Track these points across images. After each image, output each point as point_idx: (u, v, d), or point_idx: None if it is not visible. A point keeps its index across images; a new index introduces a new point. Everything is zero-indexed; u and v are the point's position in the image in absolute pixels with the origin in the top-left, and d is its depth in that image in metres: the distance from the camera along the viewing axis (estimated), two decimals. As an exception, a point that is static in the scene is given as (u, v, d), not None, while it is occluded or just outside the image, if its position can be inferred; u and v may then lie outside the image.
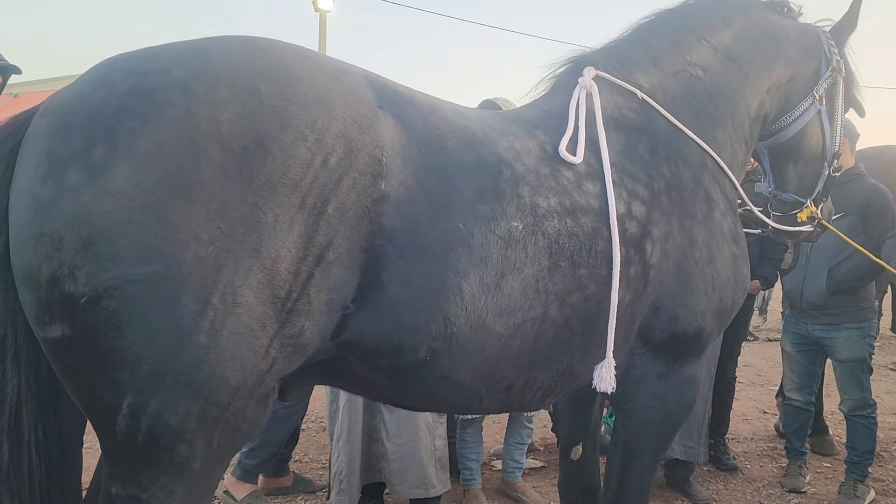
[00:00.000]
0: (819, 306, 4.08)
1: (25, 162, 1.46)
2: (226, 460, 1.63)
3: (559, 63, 2.29)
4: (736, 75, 2.40)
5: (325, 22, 17.54)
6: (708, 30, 2.40)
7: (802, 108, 2.56)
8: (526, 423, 4.03)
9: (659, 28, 2.39)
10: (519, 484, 4.04)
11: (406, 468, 3.45)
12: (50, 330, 1.44)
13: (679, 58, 2.34)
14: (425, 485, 3.48)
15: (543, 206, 1.86)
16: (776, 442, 5.06)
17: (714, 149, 2.28)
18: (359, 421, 3.48)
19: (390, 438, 3.46)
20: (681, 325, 2.14)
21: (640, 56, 2.30)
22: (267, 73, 1.56)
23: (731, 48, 2.41)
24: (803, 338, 4.27)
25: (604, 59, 2.26)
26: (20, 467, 1.56)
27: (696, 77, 2.33)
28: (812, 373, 4.34)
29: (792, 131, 2.58)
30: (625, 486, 2.31)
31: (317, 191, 1.52)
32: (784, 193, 2.66)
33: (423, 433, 3.49)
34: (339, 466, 3.50)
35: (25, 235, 1.42)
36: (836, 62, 2.60)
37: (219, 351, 1.45)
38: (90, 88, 1.48)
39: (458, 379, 1.83)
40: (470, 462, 3.97)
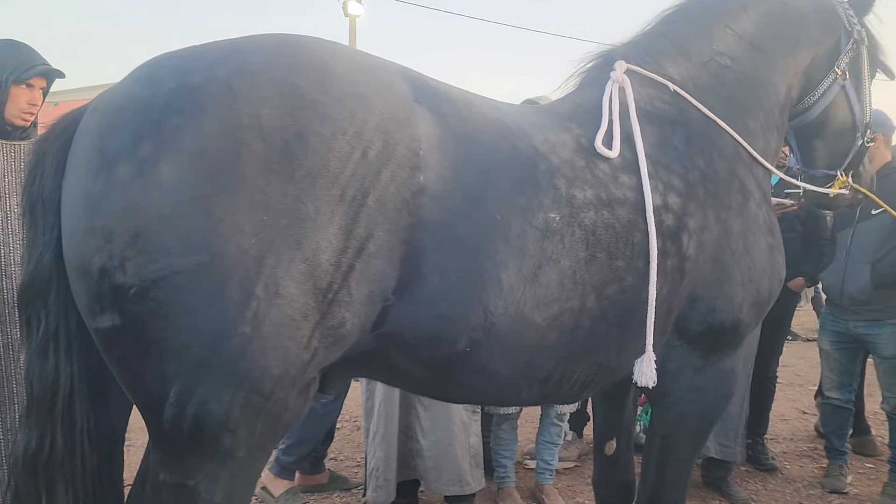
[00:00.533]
0: (861, 302, 4.01)
1: (77, 158, 1.51)
2: (268, 449, 1.67)
3: (589, 58, 2.30)
4: (762, 63, 2.38)
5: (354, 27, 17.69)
6: (730, 17, 2.39)
7: (825, 87, 2.53)
8: (556, 420, 4.01)
9: (683, 18, 2.39)
10: (548, 487, 4.01)
11: (441, 465, 3.46)
12: (101, 320, 1.49)
13: (706, 47, 2.33)
14: (460, 482, 3.50)
15: (580, 197, 1.87)
16: (816, 442, 4.99)
17: (746, 138, 2.27)
18: (394, 417, 3.50)
19: (425, 435, 3.48)
20: (718, 316, 2.13)
21: (668, 48, 2.30)
22: (306, 69, 1.59)
23: (754, 36, 2.39)
24: (842, 335, 4.20)
25: (633, 52, 2.27)
26: (73, 455, 1.61)
27: (725, 66, 2.32)
28: (851, 371, 4.27)
29: (816, 111, 2.55)
30: (662, 480, 2.30)
31: (356, 183, 1.55)
32: (813, 170, 2.65)
33: (458, 430, 3.50)
34: (376, 463, 3.53)
35: (77, 229, 1.47)
36: (857, 33, 2.55)
37: (262, 341, 1.48)
38: (138, 86, 1.53)
39: (497, 370, 1.84)
40: (504, 460, 3.97)
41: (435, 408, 3.46)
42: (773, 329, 4.46)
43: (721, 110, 2.25)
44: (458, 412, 3.50)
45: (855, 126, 2.61)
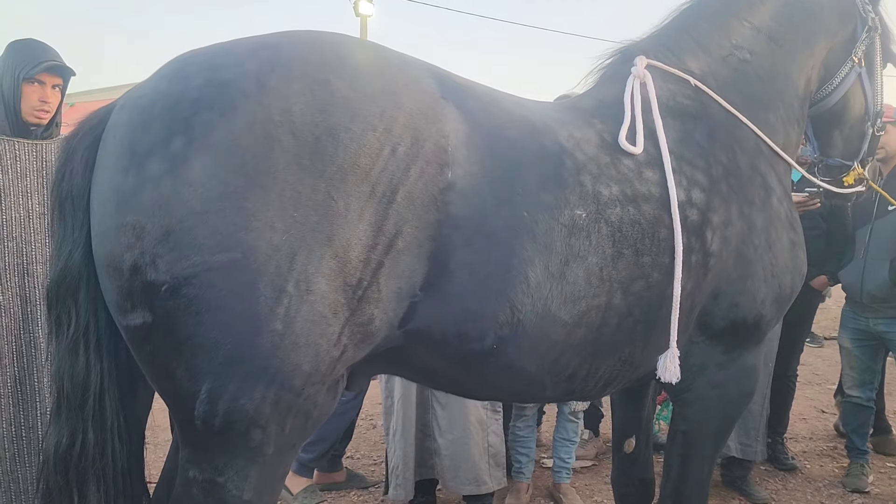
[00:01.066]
0: (881, 299, 3.98)
1: (107, 154, 1.51)
2: (297, 446, 1.66)
3: (608, 54, 2.29)
4: (781, 56, 2.38)
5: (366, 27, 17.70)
6: (748, 11, 2.38)
7: (843, 74, 2.54)
8: (571, 417, 3.99)
9: (701, 12, 2.38)
10: (565, 486, 3.99)
11: (458, 464, 3.45)
12: (131, 317, 1.49)
13: (725, 41, 2.32)
14: (477, 481, 3.49)
15: (605, 194, 1.86)
16: (836, 441, 4.94)
17: (767, 132, 2.27)
18: (412, 416, 3.50)
19: (442, 434, 3.47)
20: (741, 312, 2.12)
21: (688, 42, 2.29)
22: (336, 65, 1.59)
23: (772, 29, 2.38)
24: (863, 333, 4.16)
25: (653, 47, 2.26)
26: (105, 452, 1.62)
27: (745, 61, 2.31)
28: (872, 368, 4.23)
29: (835, 98, 2.56)
30: (685, 477, 2.29)
31: (386, 180, 1.55)
32: (830, 159, 2.65)
33: (475, 429, 3.49)
34: (396, 461, 3.53)
35: (108, 225, 1.47)
36: (871, 20, 2.57)
37: (293, 337, 1.48)
38: (167, 82, 1.53)
39: (524, 367, 1.84)
40: (520, 456, 3.96)
41: (452, 406, 3.45)
42: (793, 327, 4.42)
43: (741, 105, 2.24)
44: (476, 410, 3.49)
45: (867, 114, 2.63)
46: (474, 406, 3.47)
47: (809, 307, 4.67)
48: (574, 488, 4.06)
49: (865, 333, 4.15)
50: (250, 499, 1.56)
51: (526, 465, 3.98)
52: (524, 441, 3.99)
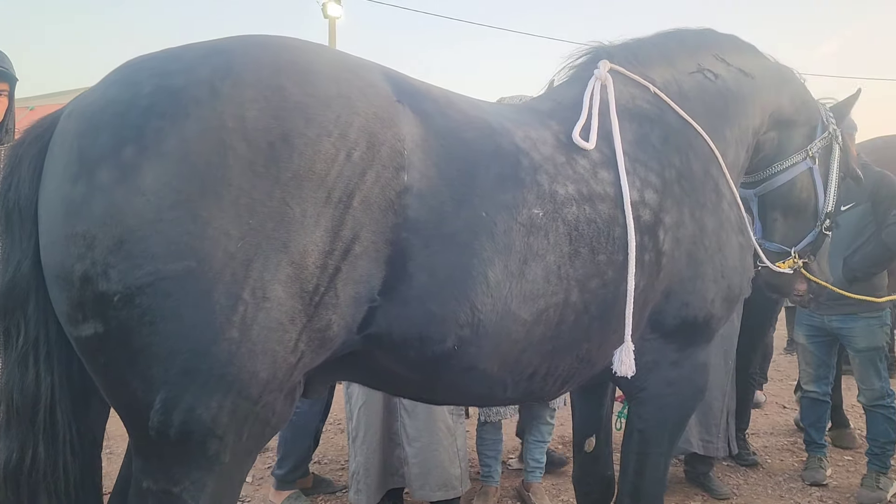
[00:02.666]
0: (835, 296, 4.05)
1: (55, 163, 1.48)
2: (254, 454, 1.65)
3: (576, 55, 2.33)
4: (747, 85, 2.50)
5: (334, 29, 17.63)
6: (723, 51, 2.52)
7: (794, 161, 2.68)
8: (548, 419, 4.02)
9: (676, 38, 2.48)
10: (536, 485, 4.02)
11: (427, 471, 3.44)
12: (83, 328, 1.46)
13: (692, 62, 2.43)
14: (446, 486, 3.48)
15: (562, 193, 1.89)
16: (796, 436, 5.04)
17: (721, 146, 2.35)
18: (375, 423, 3.49)
19: (410, 442, 3.46)
20: (691, 311, 2.17)
21: (655, 55, 2.37)
22: (290, 69, 1.58)
23: (744, 65, 2.53)
24: (818, 329, 4.26)
25: (621, 53, 2.31)
26: (56, 466, 1.58)
27: (709, 79, 2.42)
28: (828, 363, 4.32)
29: (781, 180, 2.68)
30: (642, 474, 2.33)
31: (342, 185, 1.54)
32: (769, 243, 2.73)
33: (444, 435, 3.48)
34: (356, 467, 3.51)
35: (57, 235, 1.44)
36: (832, 129, 2.74)
37: (250, 345, 1.46)
38: (116, 89, 1.50)
39: (485, 368, 1.85)
40: (488, 460, 3.97)
41: (419, 414, 3.44)
42: (755, 326, 4.52)
43: (702, 114, 2.32)
44: (443, 417, 3.48)
45: (816, 212, 2.73)
46: (441, 412, 3.47)
47: (770, 306, 4.76)
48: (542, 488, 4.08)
49: (820, 330, 4.24)
50: None
51: (494, 469, 4.00)
52: (491, 444, 4.00)
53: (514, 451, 4.66)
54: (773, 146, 2.66)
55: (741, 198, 2.62)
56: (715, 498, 4.04)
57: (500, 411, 3.84)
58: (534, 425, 4.03)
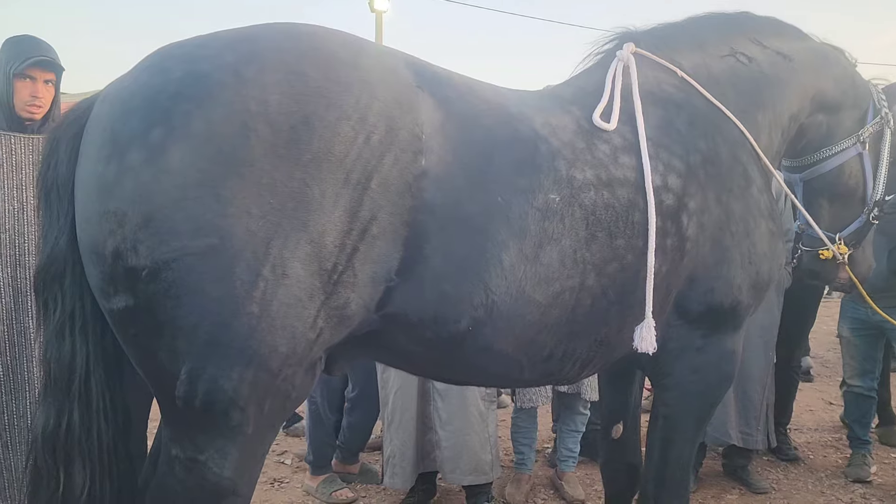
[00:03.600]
0: (880, 288, 3.95)
1: (89, 145, 1.57)
2: (276, 427, 1.72)
3: (602, 41, 2.33)
4: (784, 68, 2.43)
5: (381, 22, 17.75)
6: (760, 34, 2.46)
7: (843, 146, 2.60)
8: (582, 409, 4.02)
9: (710, 21, 2.44)
10: (569, 474, 4.03)
11: (459, 455, 3.49)
12: (114, 301, 1.55)
13: (726, 46, 2.38)
14: (477, 471, 3.52)
15: (580, 178, 1.90)
16: (841, 433, 4.92)
17: (753, 130, 2.30)
18: (411, 407, 3.54)
19: (443, 426, 3.51)
20: (717, 297, 2.15)
21: (685, 38, 2.34)
22: (312, 55, 1.63)
23: (782, 48, 2.46)
24: (862, 322, 4.15)
25: (648, 38, 2.30)
26: (90, 432, 1.68)
27: (742, 63, 2.37)
28: (873, 357, 4.22)
29: (829, 165, 2.60)
30: (666, 460, 2.33)
31: (360, 167, 1.59)
32: (812, 229, 2.64)
33: (476, 420, 3.52)
34: (392, 450, 3.57)
35: (91, 213, 1.53)
36: (884, 113, 2.64)
37: (269, 320, 1.52)
38: (147, 75, 1.58)
39: (500, 349, 1.88)
40: (522, 447, 4.00)
41: (452, 398, 3.49)
42: (797, 319, 4.43)
43: (733, 99, 2.28)
44: (476, 402, 3.52)
45: (865, 199, 2.65)
46: (474, 398, 3.51)
47: (813, 299, 4.66)
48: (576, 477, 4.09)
49: (865, 323, 4.14)
50: (231, 476, 1.62)
51: (528, 457, 4.02)
52: (526, 432, 4.03)
53: (550, 440, 4.67)
54: (820, 130, 2.59)
55: (786, 182, 2.57)
56: (753, 492, 3.98)
57: (532, 398, 3.86)
58: (567, 415, 4.04)
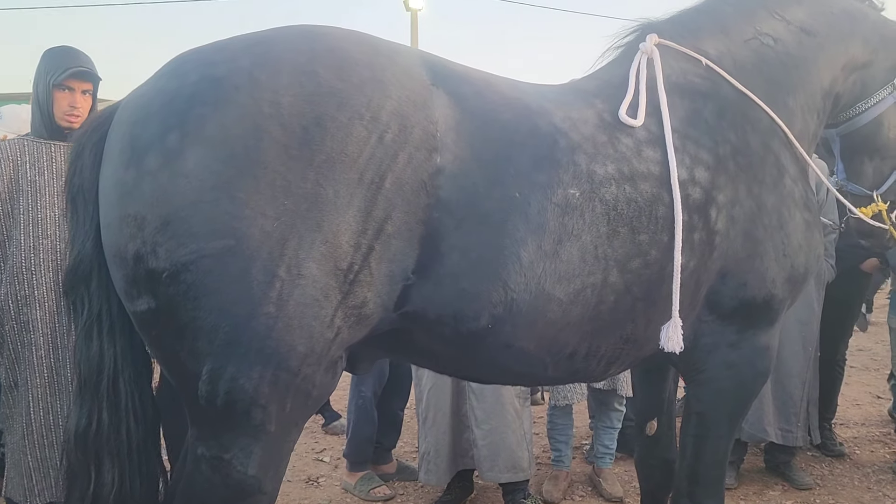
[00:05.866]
0: None
1: (111, 150, 1.61)
2: (300, 425, 1.73)
3: (623, 33, 2.29)
4: (810, 46, 2.35)
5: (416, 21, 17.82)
6: (780, 5, 2.37)
7: (880, 97, 2.49)
8: (617, 405, 3.99)
9: (730, 1, 2.36)
10: (606, 471, 4.01)
11: (496, 453, 3.48)
12: (137, 303, 1.58)
13: (749, 27, 2.30)
14: (515, 468, 3.51)
15: (601, 173, 1.87)
16: (889, 427, 4.80)
17: (785, 116, 2.23)
18: (445, 405, 3.55)
19: (479, 424, 3.50)
20: (750, 291, 2.10)
21: (707, 24, 2.28)
22: (325, 56, 1.64)
23: (805, 22, 2.36)
24: None
25: (670, 27, 2.25)
26: (119, 431, 1.72)
27: (767, 45, 2.29)
28: None
29: (867, 118, 2.50)
30: (700, 457, 2.28)
31: (374, 167, 1.60)
32: (851, 185, 2.56)
33: (512, 418, 3.51)
34: (427, 448, 3.59)
35: (113, 217, 1.57)
36: None
37: (287, 320, 1.54)
38: (165, 80, 1.61)
39: (522, 346, 1.87)
40: (559, 444, 3.98)
41: (487, 397, 3.48)
42: (841, 312, 4.32)
43: (761, 86, 2.22)
44: (511, 400, 3.52)
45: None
46: (509, 396, 3.50)
47: (858, 291, 4.54)
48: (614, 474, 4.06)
49: (914, 314, 4.02)
50: (255, 474, 1.64)
51: (564, 454, 4.00)
52: (562, 429, 4.01)
53: (588, 437, 4.63)
54: (854, 89, 2.49)
55: (823, 139, 2.49)
56: (796, 488, 3.90)
57: (568, 396, 3.84)
58: (602, 411, 4.01)
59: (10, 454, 2.90)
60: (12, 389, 2.84)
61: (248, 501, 1.66)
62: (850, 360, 4.96)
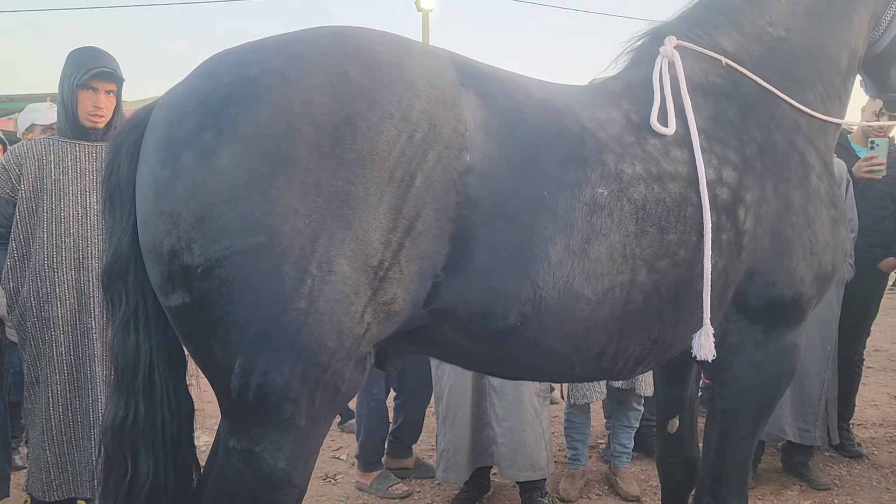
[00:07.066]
0: None
1: (147, 148, 1.64)
2: (329, 420, 1.76)
3: (638, 36, 2.29)
4: (817, 32, 2.33)
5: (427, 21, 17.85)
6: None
7: (889, 16, 2.49)
8: (635, 405, 4.00)
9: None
10: (623, 470, 4.02)
11: (515, 451, 3.50)
12: (172, 298, 1.61)
13: (759, 18, 2.28)
14: (533, 467, 3.53)
15: (629, 172, 1.89)
16: (908, 428, 4.79)
17: None
18: (465, 403, 3.57)
19: (499, 422, 3.52)
20: (778, 290, 2.10)
21: (719, 20, 2.27)
22: (355, 57, 1.67)
23: (807, 3, 2.34)
24: None
25: (684, 26, 2.24)
26: (154, 424, 1.75)
27: (779, 38, 2.28)
28: None
29: (884, 42, 2.51)
30: (724, 455, 2.29)
31: (404, 165, 1.62)
32: (889, 94, 2.60)
33: (531, 416, 3.53)
34: (446, 445, 3.61)
35: (150, 214, 1.60)
36: None
37: (317, 315, 1.57)
38: (200, 80, 1.64)
39: (550, 345, 1.88)
40: (576, 443, 4.00)
41: (507, 395, 3.50)
42: (859, 312, 4.31)
43: (777, 83, 2.21)
44: (531, 399, 3.53)
45: None
46: (529, 394, 3.52)
47: (876, 290, 4.53)
48: (631, 472, 4.07)
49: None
50: (285, 467, 1.67)
51: (581, 452, 4.02)
52: (579, 428, 4.02)
53: (604, 436, 4.64)
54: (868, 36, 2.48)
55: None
56: (814, 488, 3.90)
57: (586, 395, 3.85)
58: (620, 410, 4.02)
59: (31, 449, 2.95)
60: (33, 385, 2.89)
61: (277, 494, 1.69)
62: (867, 361, 4.95)
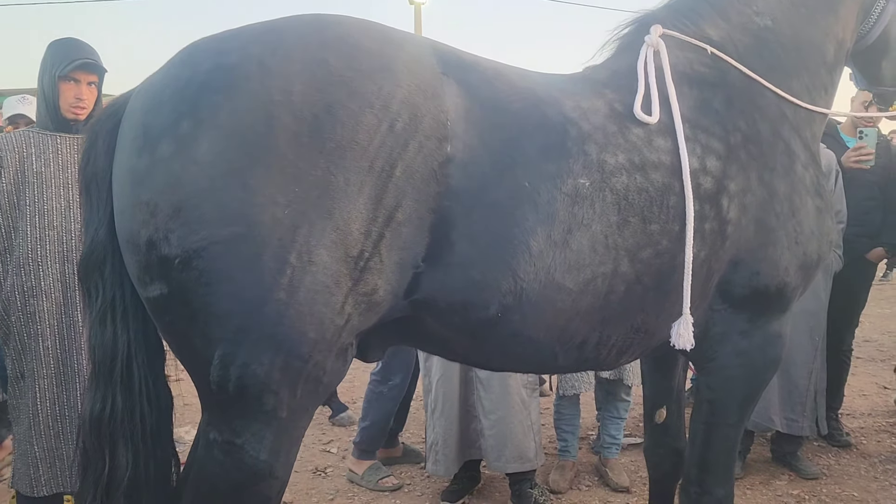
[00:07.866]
0: None
1: (124, 137, 1.62)
2: (310, 411, 1.74)
3: (623, 25, 2.28)
4: (803, 22, 2.33)
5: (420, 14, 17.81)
6: None
7: (878, 9, 2.49)
8: (624, 396, 4.00)
9: None
10: (613, 461, 4.03)
11: (503, 443, 3.50)
12: (150, 289, 1.60)
13: (745, 7, 2.28)
14: (522, 458, 3.53)
15: (611, 162, 1.88)
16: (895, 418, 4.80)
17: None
18: (453, 395, 3.57)
19: (486, 414, 3.52)
20: (762, 280, 2.10)
21: (706, 9, 2.26)
22: (335, 45, 1.65)
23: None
24: None
25: (670, 15, 2.23)
26: (133, 415, 1.74)
27: (766, 28, 2.27)
28: None
29: (874, 35, 2.52)
30: (710, 445, 2.29)
31: (384, 155, 1.60)
32: (880, 87, 2.62)
33: (518, 408, 3.53)
34: (435, 438, 3.61)
35: (127, 204, 1.58)
36: None
37: (297, 306, 1.55)
38: (178, 68, 1.62)
39: (531, 335, 1.87)
40: (565, 434, 4.00)
41: (494, 387, 3.50)
42: (847, 302, 4.32)
43: (763, 73, 2.21)
44: (518, 390, 3.53)
45: None
46: (516, 386, 3.52)
47: (864, 280, 4.54)
48: (620, 464, 4.08)
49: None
50: (267, 459, 1.65)
51: (571, 444, 4.02)
52: (569, 419, 4.03)
53: (594, 428, 4.65)
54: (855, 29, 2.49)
55: None
56: (803, 477, 3.92)
57: (575, 385, 3.86)
58: (609, 401, 4.02)
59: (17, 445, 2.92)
60: (18, 380, 2.85)
61: (259, 486, 1.68)
62: (856, 351, 4.96)
